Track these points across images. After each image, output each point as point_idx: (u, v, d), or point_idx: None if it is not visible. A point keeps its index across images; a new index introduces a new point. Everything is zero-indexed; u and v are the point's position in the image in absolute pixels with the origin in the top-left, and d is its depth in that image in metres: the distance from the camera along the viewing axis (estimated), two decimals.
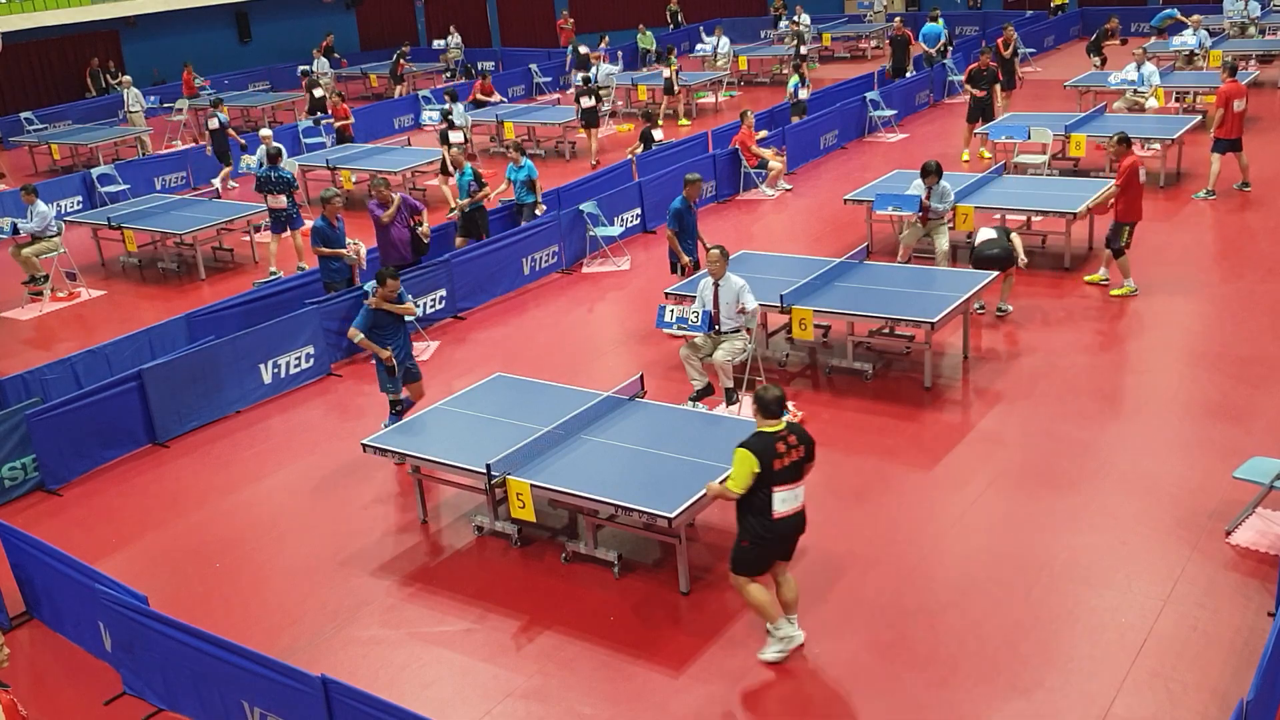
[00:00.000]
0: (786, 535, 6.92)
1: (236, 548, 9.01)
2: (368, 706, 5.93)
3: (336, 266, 12.68)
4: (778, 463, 6.68)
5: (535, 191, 14.89)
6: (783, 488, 6.71)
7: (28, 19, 27.62)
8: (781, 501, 6.75)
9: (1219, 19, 25.99)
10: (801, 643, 7.14)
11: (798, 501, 6.85)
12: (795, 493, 6.80)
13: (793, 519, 6.87)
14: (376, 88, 30.26)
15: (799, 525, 6.96)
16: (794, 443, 6.77)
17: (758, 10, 36.80)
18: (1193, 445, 9.15)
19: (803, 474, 6.86)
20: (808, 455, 6.89)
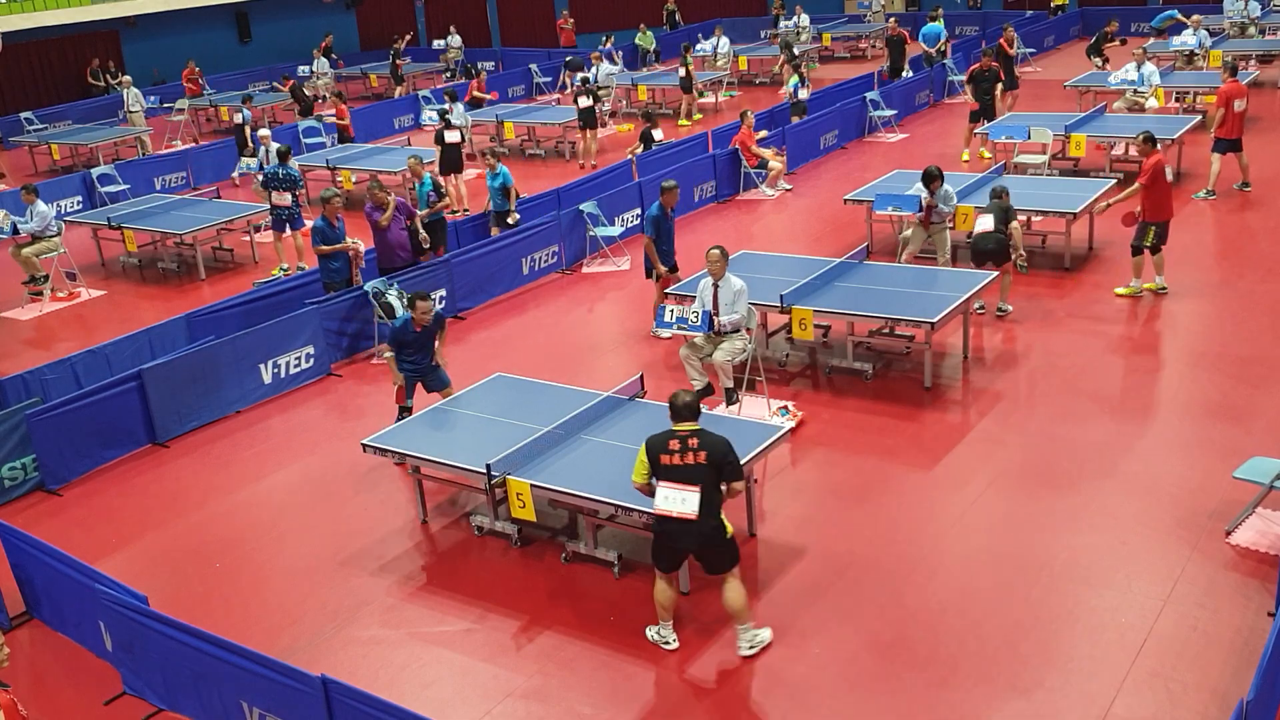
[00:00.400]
0: (673, 535, 6.79)
1: (236, 548, 9.01)
2: (368, 706, 5.93)
3: (336, 266, 12.68)
4: (665, 458, 6.70)
5: (510, 200, 14.68)
6: (666, 484, 6.68)
7: (28, 19, 27.63)
8: (663, 499, 6.69)
9: (1219, 19, 25.99)
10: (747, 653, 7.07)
11: (684, 506, 6.64)
12: (681, 495, 6.64)
13: (678, 524, 6.71)
14: (376, 88, 30.26)
15: (689, 534, 6.75)
16: (694, 446, 6.68)
17: (758, 10, 36.79)
18: (1193, 445, 9.15)
19: (698, 481, 6.65)
20: (714, 464, 6.69)
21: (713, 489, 6.75)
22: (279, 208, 15.27)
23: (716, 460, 6.74)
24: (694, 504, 6.67)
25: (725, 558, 6.94)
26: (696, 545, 6.88)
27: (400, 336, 9.67)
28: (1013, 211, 11.77)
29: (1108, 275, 12.87)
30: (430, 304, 9.62)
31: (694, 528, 6.75)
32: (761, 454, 8.12)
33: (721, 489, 6.82)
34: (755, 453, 8.01)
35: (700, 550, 6.96)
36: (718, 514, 6.82)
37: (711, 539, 6.84)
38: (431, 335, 9.80)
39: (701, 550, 6.95)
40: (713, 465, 6.73)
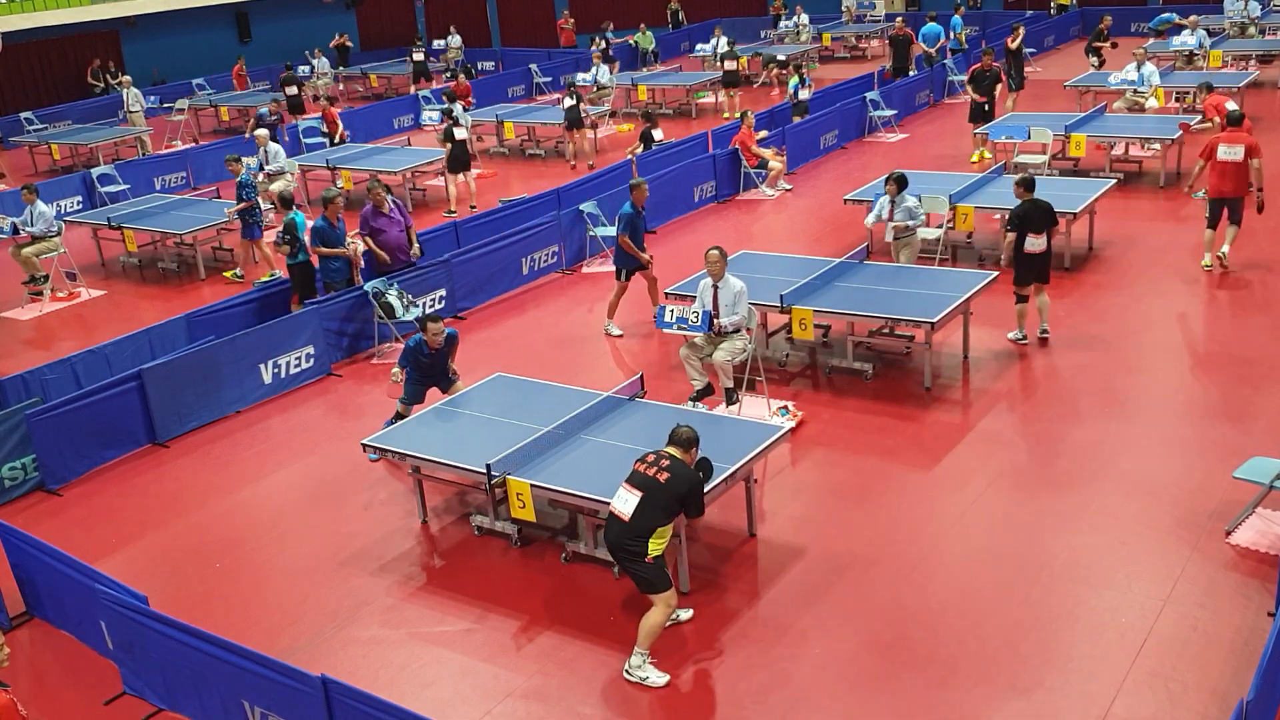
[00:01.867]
0: (607, 530, 7.01)
1: (236, 548, 9.01)
2: (368, 706, 5.93)
3: (336, 267, 12.68)
4: (638, 464, 6.97)
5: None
6: (624, 486, 6.92)
7: (28, 19, 27.65)
8: (616, 497, 6.95)
9: (1219, 19, 26.01)
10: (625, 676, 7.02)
11: (623, 506, 6.83)
12: (625, 497, 6.85)
13: (610, 519, 6.93)
14: (376, 87, 30.27)
15: (612, 531, 6.90)
16: (664, 465, 6.86)
17: (758, 10, 36.81)
18: (1193, 445, 9.15)
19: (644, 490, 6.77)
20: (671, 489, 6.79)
21: (656, 509, 6.78)
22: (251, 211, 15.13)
23: (675, 489, 6.83)
24: (630, 507, 6.82)
25: (641, 581, 6.92)
26: (614, 547, 6.96)
27: (414, 360, 9.67)
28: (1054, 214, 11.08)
29: (1108, 275, 12.88)
30: (440, 324, 9.61)
31: (618, 528, 6.88)
32: (761, 454, 8.12)
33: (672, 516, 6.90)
34: (755, 453, 8.01)
35: (615, 557, 7.05)
36: (646, 536, 6.79)
37: (626, 550, 6.86)
38: (446, 356, 9.80)
39: (617, 556, 7.00)
40: (669, 491, 6.81)
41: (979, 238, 14.24)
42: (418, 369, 9.74)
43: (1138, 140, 16.61)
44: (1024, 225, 10.82)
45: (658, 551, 6.85)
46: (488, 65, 32.02)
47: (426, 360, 9.67)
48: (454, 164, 17.50)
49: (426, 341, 9.56)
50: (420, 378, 9.83)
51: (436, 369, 9.81)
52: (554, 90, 28.19)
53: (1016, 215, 10.89)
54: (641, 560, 6.83)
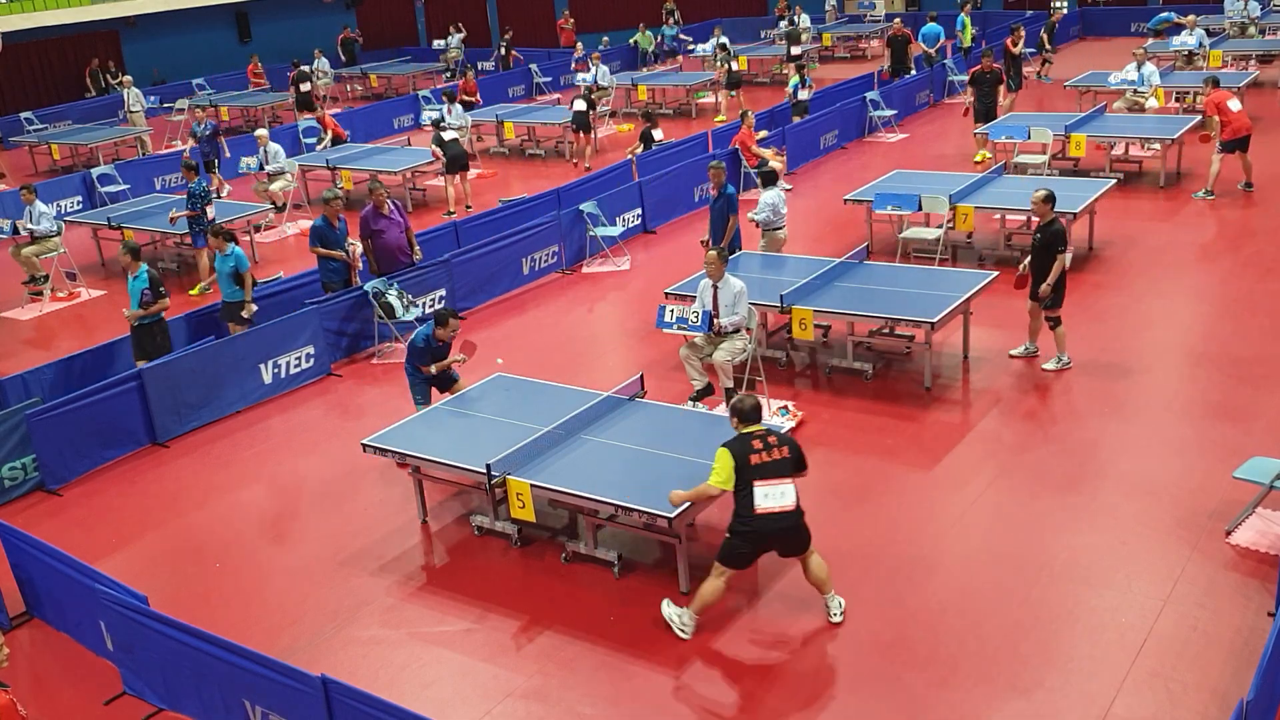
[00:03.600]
0: (770, 534, 6.99)
1: (236, 548, 9.01)
2: (368, 706, 5.93)
3: (334, 267, 12.68)
4: (754, 458, 6.90)
5: (246, 287, 11.92)
6: (763, 483, 6.88)
7: (28, 19, 27.64)
8: (764, 496, 6.88)
9: (1219, 19, 26.01)
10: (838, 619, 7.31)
11: (784, 500, 6.91)
12: (780, 489, 6.90)
13: (777, 518, 6.93)
14: (376, 87, 30.26)
15: (787, 528, 7.00)
16: (773, 442, 6.98)
17: (758, 10, 36.81)
18: (1193, 445, 9.15)
19: (789, 474, 6.96)
20: (794, 458, 7.05)
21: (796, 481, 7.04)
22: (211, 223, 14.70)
23: (796, 455, 7.05)
24: (792, 496, 6.95)
25: (806, 538, 7.14)
26: (788, 535, 7.02)
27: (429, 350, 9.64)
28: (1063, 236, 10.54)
29: (1108, 275, 12.88)
30: (459, 323, 9.71)
31: (791, 518, 6.97)
32: None
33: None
34: None
35: (787, 541, 7.10)
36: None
37: (801, 528, 7.07)
38: (448, 347, 9.85)
39: (789, 541, 7.10)
40: (795, 460, 7.04)
41: (979, 238, 14.24)
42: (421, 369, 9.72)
43: (1138, 140, 16.61)
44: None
45: None
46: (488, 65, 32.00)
47: (436, 351, 9.69)
48: (450, 165, 17.53)
49: (437, 335, 9.56)
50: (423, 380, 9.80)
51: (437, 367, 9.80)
52: (554, 90, 28.20)
53: (1062, 234, 10.39)
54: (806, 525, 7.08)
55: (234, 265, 11.87)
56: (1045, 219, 10.40)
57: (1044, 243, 10.35)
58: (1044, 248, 10.36)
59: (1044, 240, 10.34)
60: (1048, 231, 10.35)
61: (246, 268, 11.92)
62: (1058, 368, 10.69)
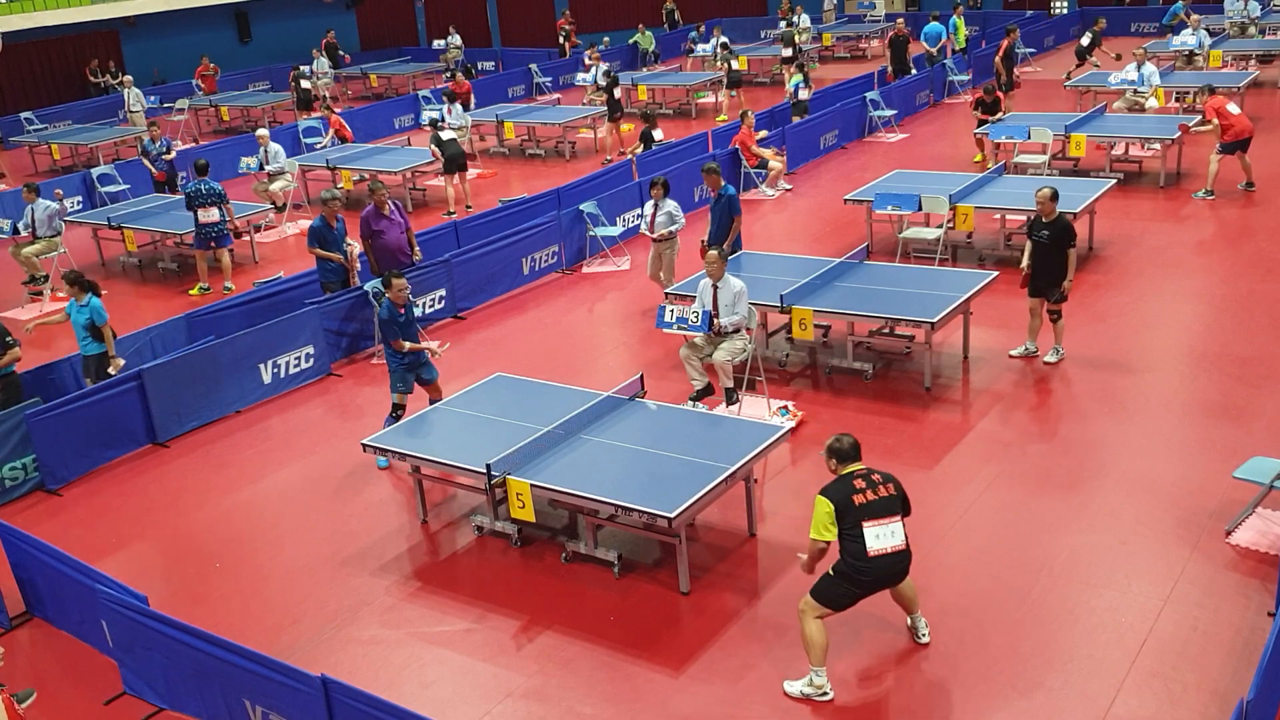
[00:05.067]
0: (882, 577, 6.60)
1: (236, 547, 9.01)
2: (368, 706, 5.93)
3: (332, 267, 12.68)
4: (858, 498, 6.52)
5: (107, 340, 10.88)
6: (874, 523, 6.48)
7: (28, 19, 27.63)
8: (875, 538, 6.47)
9: (1219, 19, 26.01)
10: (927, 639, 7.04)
11: (895, 539, 6.52)
12: (891, 529, 6.51)
13: (892, 559, 6.54)
14: (376, 87, 30.27)
15: (900, 564, 6.61)
16: (877, 480, 6.60)
17: (757, 10, 36.81)
18: (1193, 445, 9.15)
19: (898, 512, 6.59)
20: (900, 495, 6.65)
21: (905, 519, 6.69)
22: (204, 225, 14.71)
23: (900, 491, 6.69)
24: (901, 533, 6.57)
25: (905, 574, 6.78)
26: (900, 574, 6.69)
27: (393, 320, 9.71)
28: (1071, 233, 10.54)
29: (1107, 275, 12.88)
30: (405, 281, 9.74)
31: (903, 558, 6.63)
32: (761, 454, 8.12)
33: None
34: (755, 453, 8.01)
35: (900, 578, 6.74)
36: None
37: (908, 564, 6.72)
38: (413, 316, 9.91)
39: (901, 578, 6.74)
40: (900, 496, 6.67)
41: (979, 238, 14.24)
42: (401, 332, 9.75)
43: (1138, 140, 16.61)
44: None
45: None
46: (488, 65, 32.01)
47: (403, 320, 9.72)
48: (448, 165, 17.54)
49: (393, 300, 9.64)
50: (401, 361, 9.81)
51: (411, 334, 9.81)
52: (554, 90, 28.20)
53: (1072, 230, 10.44)
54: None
55: (89, 317, 10.79)
56: (1051, 216, 10.41)
57: (1054, 239, 10.38)
58: (1054, 244, 10.38)
59: (1053, 237, 10.38)
60: (1056, 228, 10.37)
61: (104, 320, 10.81)
62: (1056, 360, 10.75)
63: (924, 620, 7.11)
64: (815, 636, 6.64)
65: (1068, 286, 10.43)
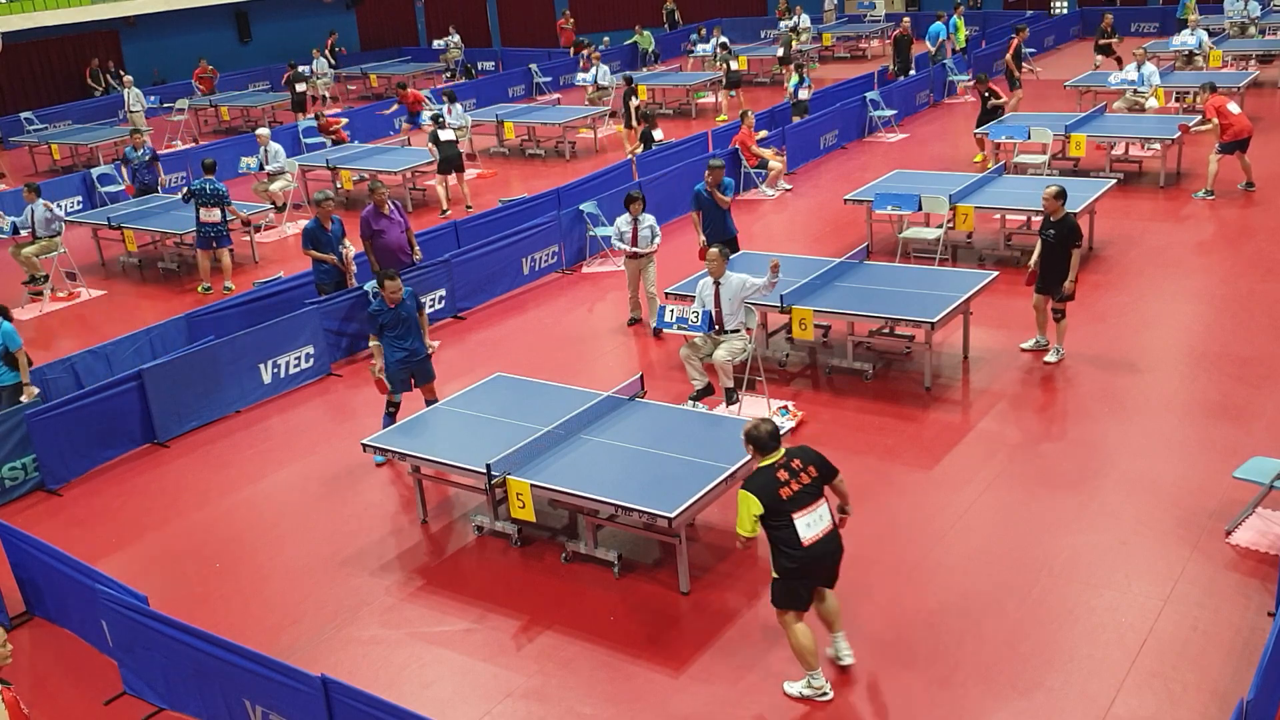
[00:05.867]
0: (820, 559, 6.49)
1: (236, 547, 9.01)
2: (368, 706, 5.93)
3: (327, 268, 12.64)
4: (784, 491, 6.41)
5: (21, 368, 10.33)
6: (803, 512, 6.40)
7: (28, 19, 27.63)
8: (806, 526, 6.40)
9: (1219, 19, 26.01)
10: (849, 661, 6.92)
11: (824, 522, 6.47)
12: (818, 514, 6.45)
13: (824, 542, 6.48)
14: (376, 87, 30.27)
15: (832, 548, 6.58)
16: (798, 467, 6.51)
17: (757, 10, 36.82)
18: (1193, 445, 9.15)
19: (819, 495, 6.53)
20: (822, 472, 6.59)
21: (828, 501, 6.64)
22: (205, 224, 14.69)
23: (821, 470, 6.64)
24: (827, 515, 6.53)
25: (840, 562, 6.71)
26: (838, 554, 6.62)
27: (379, 320, 9.74)
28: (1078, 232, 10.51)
29: (1108, 275, 12.88)
30: (398, 284, 9.70)
31: (834, 541, 6.56)
32: None
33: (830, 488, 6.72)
34: None
35: (829, 562, 6.60)
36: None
37: (840, 548, 6.65)
38: (413, 315, 9.85)
39: (830, 563, 6.61)
40: (823, 477, 6.60)
41: (979, 238, 14.24)
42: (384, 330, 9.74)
43: (1138, 140, 16.61)
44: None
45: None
46: (488, 65, 32.01)
47: (390, 317, 9.70)
48: (442, 166, 17.54)
49: (385, 298, 9.62)
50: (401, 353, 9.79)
51: (404, 332, 9.77)
52: (554, 90, 28.19)
53: (1078, 229, 10.43)
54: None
55: (1, 343, 10.22)
56: (1057, 215, 10.43)
57: (1059, 238, 10.40)
58: (1060, 243, 10.41)
59: (1059, 236, 10.40)
60: (1063, 227, 10.40)
61: (18, 345, 10.26)
62: (1056, 360, 10.75)
63: (846, 642, 6.94)
64: (802, 641, 6.61)
65: (1069, 287, 10.44)
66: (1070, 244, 10.36)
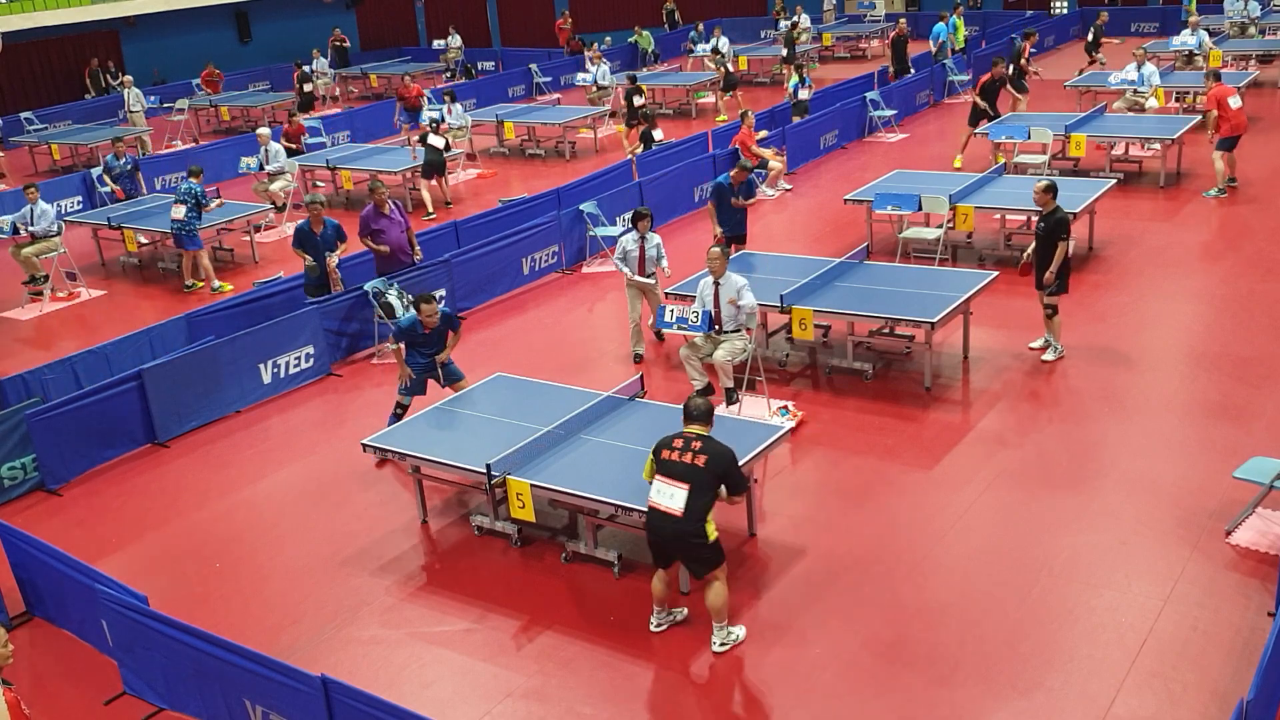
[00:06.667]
0: (654, 528, 6.91)
1: (236, 547, 9.01)
2: (368, 706, 5.93)
3: (310, 266, 12.57)
4: (666, 454, 6.87)
5: None
6: (664, 480, 6.81)
7: (28, 19, 27.63)
8: (657, 492, 6.84)
9: (1219, 19, 26.01)
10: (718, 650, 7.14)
11: (671, 502, 6.76)
12: (670, 491, 6.77)
13: (661, 518, 6.82)
14: (376, 87, 30.27)
15: (666, 531, 6.84)
16: (695, 449, 6.79)
17: (757, 10, 36.81)
18: (1193, 445, 9.15)
19: (689, 480, 6.73)
20: (712, 471, 6.76)
21: (703, 493, 6.79)
22: (173, 222, 14.70)
23: (716, 469, 6.81)
24: (680, 501, 6.77)
25: (704, 563, 6.95)
26: (673, 541, 6.91)
27: (409, 338, 9.72)
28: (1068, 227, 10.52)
29: (1107, 275, 12.88)
30: (435, 306, 9.64)
31: (674, 524, 6.82)
32: (761, 454, 8.12)
33: (720, 493, 6.91)
34: (755, 453, 8.01)
35: (677, 549, 6.99)
36: (702, 519, 6.81)
37: (688, 540, 6.87)
38: (443, 334, 9.83)
39: (678, 549, 6.98)
40: (710, 472, 6.80)
41: (979, 238, 14.24)
42: (412, 347, 9.77)
43: (1138, 140, 16.61)
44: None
45: (714, 533, 6.87)
46: (488, 65, 32.01)
47: (421, 338, 9.69)
48: (425, 170, 17.62)
49: (421, 322, 9.59)
50: (416, 360, 9.82)
51: (432, 349, 9.80)
52: (554, 90, 28.18)
53: (1065, 223, 10.45)
54: (705, 545, 6.85)
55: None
56: (1048, 209, 10.45)
57: (1047, 231, 10.44)
58: (1047, 236, 10.44)
59: (1047, 229, 10.43)
60: (1051, 220, 10.42)
61: None
62: (1055, 358, 10.75)
63: (723, 633, 7.13)
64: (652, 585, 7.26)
65: (1049, 277, 10.45)
66: (1057, 236, 10.39)
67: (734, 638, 7.21)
